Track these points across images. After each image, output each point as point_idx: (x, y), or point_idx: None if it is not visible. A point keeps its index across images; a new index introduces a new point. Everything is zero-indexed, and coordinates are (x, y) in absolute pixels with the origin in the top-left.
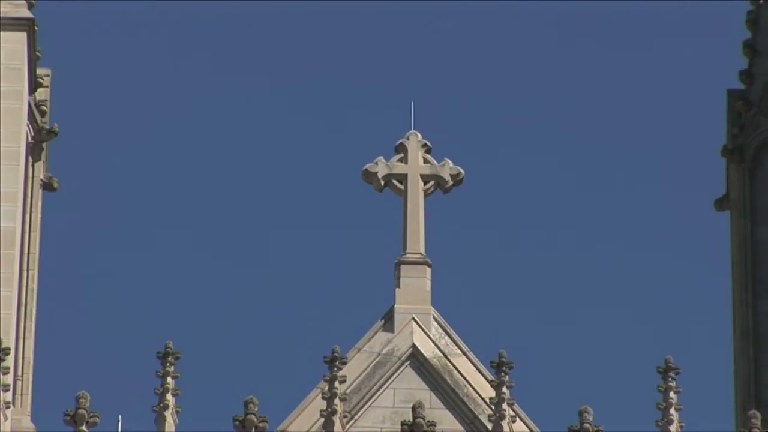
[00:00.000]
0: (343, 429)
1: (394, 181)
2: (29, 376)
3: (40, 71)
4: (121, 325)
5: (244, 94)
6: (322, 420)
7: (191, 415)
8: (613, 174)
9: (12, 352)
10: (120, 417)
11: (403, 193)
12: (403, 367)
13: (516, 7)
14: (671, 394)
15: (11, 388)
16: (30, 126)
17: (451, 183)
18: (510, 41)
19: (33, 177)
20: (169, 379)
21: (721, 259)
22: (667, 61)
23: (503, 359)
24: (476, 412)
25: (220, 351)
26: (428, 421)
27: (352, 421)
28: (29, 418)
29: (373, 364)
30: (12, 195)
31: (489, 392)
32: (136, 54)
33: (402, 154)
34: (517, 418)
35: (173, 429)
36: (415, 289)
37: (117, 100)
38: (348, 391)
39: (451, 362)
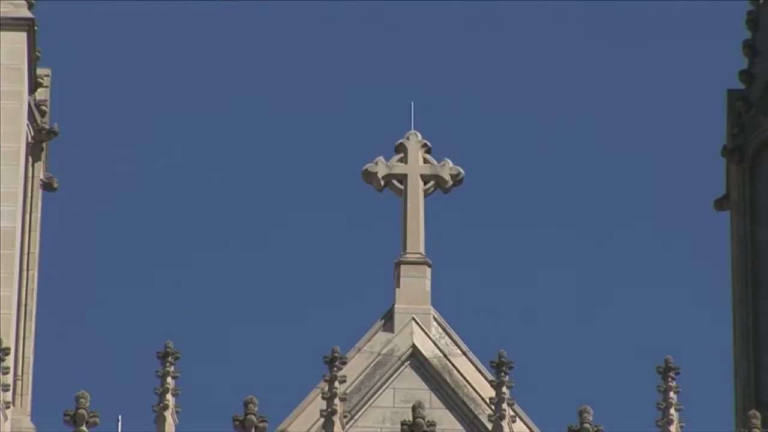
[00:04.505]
0: (343, 429)
1: (394, 181)
2: (29, 376)
3: (40, 71)
4: (121, 325)
5: (243, 94)
6: (322, 420)
7: (191, 415)
8: (613, 174)
9: (12, 352)
10: (120, 417)
11: (403, 193)
12: (403, 367)
13: (516, 7)
14: (671, 394)
15: (11, 388)
16: (30, 126)
17: (451, 183)
18: (510, 41)
19: (33, 177)
20: (169, 379)
21: (721, 259)
22: (667, 61)
23: (503, 359)
24: (476, 412)
25: (220, 351)
26: (428, 421)
27: (352, 421)
28: (29, 418)
29: (373, 364)
30: (12, 195)
31: (489, 392)
32: (136, 54)
33: (402, 154)
34: (517, 418)
35: (173, 429)
36: (415, 289)
37: (117, 100)
38: (348, 391)
39: (451, 362)
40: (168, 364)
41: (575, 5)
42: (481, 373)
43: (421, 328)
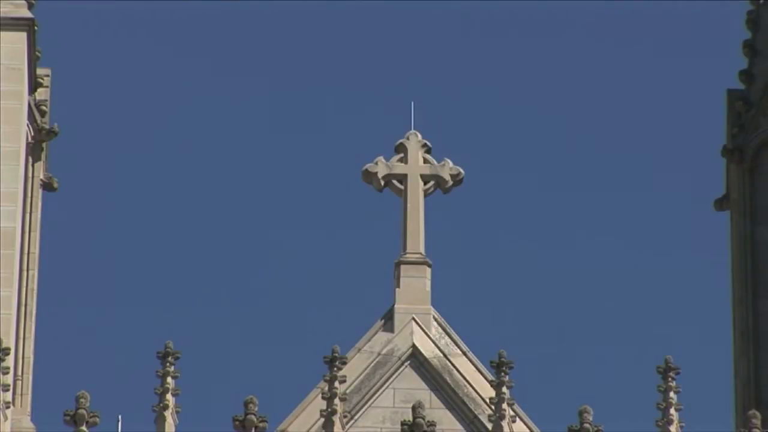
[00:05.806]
0: (343, 429)
1: (394, 181)
2: (29, 376)
3: (40, 71)
4: (121, 325)
5: (244, 94)
6: (322, 420)
7: (191, 415)
8: (613, 174)
9: (12, 352)
10: (120, 417)
11: (403, 193)
12: (403, 367)
13: (516, 8)
14: (671, 394)
15: (11, 388)
16: (30, 126)
17: (451, 183)
18: (510, 41)
19: (33, 177)
20: (169, 379)
21: (721, 259)
22: (667, 61)
23: (503, 359)
24: (476, 412)
25: (220, 351)
26: (428, 421)
27: (352, 421)
28: (29, 418)
29: (373, 364)
30: (12, 195)
31: (489, 392)
32: (136, 54)
33: (402, 154)
34: (517, 418)
35: (173, 429)
36: (415, 289)
37: (117, 100)
38: (348, 391)
39: (451, 362)
40: (168, 364)
41: (575, 5)
42: (481, 373)
43: (421, 328)
